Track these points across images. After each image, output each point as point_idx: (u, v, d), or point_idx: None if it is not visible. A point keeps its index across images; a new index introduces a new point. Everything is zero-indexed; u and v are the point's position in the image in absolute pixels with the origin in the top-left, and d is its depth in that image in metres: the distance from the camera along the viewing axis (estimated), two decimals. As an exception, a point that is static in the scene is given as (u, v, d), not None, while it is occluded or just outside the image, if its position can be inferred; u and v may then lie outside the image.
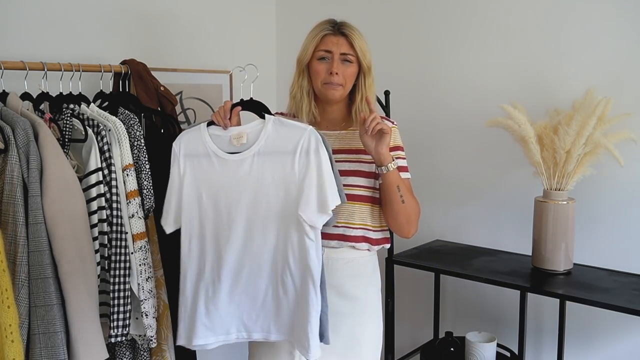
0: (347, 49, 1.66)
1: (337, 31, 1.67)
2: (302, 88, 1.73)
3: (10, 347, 1.39)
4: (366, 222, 1.72)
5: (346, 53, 1.66)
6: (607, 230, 2.12)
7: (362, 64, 1.68)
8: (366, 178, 1.71)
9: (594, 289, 1.86)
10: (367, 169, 1.72)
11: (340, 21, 1.70)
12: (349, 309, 1.70)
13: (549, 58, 2.19)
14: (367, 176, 1.72)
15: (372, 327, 1.76)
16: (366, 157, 1.71)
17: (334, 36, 1.67)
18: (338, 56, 1.66)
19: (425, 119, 2.52)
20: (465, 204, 2.46)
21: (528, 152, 2.01)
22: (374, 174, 1.72)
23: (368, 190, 1.72)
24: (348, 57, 1.67)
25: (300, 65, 1.73)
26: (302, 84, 1.73)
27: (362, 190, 1.71)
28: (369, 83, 1.70)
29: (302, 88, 1.73)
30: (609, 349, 2.15)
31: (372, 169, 1.72)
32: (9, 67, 1.70)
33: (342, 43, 1.66)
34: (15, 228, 1.49)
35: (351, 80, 1.70)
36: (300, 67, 1.73)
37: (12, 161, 1.50)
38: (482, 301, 2.43)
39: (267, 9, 2.91)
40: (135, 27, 2.32)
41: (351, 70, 1.68)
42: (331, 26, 1.68)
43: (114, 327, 1.76)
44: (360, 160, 1.72)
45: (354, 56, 1.67)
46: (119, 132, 1.79)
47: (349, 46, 1.66)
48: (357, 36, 1.67)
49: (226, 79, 2.68)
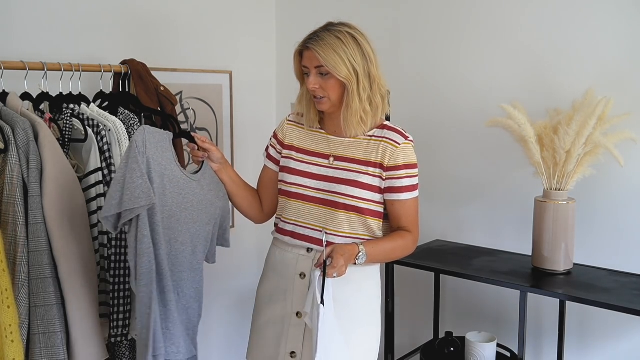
0: (317, 62, 1.61)
1: (304, 46, 1.63)
2: (303, 97, 1.74)
3: (10, 347, 1.39)
4: (357, 232, 1.69)
5: (319, 66, 1.61)
6: (607, 230, 2.12)
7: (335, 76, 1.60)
8: (365, 190, 1.67)
9: (594, 289, 1.86)
10: (367, 181, 1.68)
11: (315, 30, 1.65)
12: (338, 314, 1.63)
13: (549, 58, 2.19)
14: (367, 189, 1.68)
15: (363, 333, 1.72)
16: (369, 169, 1.68)
17: (306, 51, 1.63)
18: (314, 70, 1.62)
19: (426, 119, 2.52)
20: (465, 204, 2.46)
21: (528, 152, 2.01)
22: (378, 188, 1.69)
23: (366, 202, 1.67)
24: (321, 70, 1.61)
25: (297, 76, 1.73)
26: (303, 93, 1.74)
27: (358, 201, 1.67)
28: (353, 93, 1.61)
29: (302, 97, 1.74)
30: (609, 349, 2.15)
31: (375, 182, 1.68)
32: (9, 67, 1.70)
33: (312, 57, 1.61)
34: (15, 228, 1.49)
35: (334, 90, 1.63)
36: (297, 77, 1.74)
37: (12, 161, 1.50)
38: (482, 301, 2.43)
39: (267, 9, 2.91)
40: (135, 27, 2.32)
41: (332, 82, 1.62)
42: (303, 42, 1.65)
43: (114, 327, 1.76)
44: (361, 172, 1.68)
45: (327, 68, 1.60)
46: (119, 132, 1.79)
47: (317, 60, 1.60)
48: (322, 49, 1.58)
49: (226, 79, 2.68)
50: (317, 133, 1.77)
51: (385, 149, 1.67)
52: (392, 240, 1.70)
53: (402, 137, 1.69)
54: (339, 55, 1.58)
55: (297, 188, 1.73)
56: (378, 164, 1.68)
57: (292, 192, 1.73)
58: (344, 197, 1.67)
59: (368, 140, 1.70)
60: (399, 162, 1.67)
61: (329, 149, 1.73)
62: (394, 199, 1.69)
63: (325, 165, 1.72)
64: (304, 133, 1.78)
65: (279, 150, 1.82)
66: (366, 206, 1.68)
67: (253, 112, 2.82)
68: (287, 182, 1.76)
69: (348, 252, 1.59)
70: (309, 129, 1.78)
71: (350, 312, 1.69)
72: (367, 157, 1.69)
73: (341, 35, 1.60)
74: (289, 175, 1.75)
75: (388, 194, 1.69)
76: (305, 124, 1.77)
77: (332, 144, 1.73)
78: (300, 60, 1.67)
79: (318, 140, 1.76)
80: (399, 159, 1.67)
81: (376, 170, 1.68)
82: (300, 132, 1.79)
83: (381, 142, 1.68)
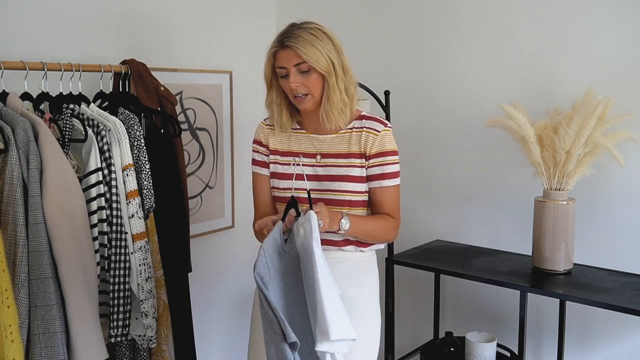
0: (297, 60, 1.62)
1: (282, 45, 1.63)
2: (273, 102, 1.73)
3: (10, 347, 1.39)
4: None
5: (298, 63, 1.62)
6: (607, 230, 2.12)
7: (317, 70, 1.62)
8: (356, 183, 1.69)
9: (594, 289, 1.86)
10: (357, 173, 1.70)
11: (285, 30, 1.66)
12: None
13: (549, 58, 2.19)
14: (357, 181, 1.69)
15: (365, 327, 1.73)
16: (356, 161, 1.70)
17: (282, 51, 1.63)
18: (293, 69, 1.63)
19: (426, 119, 2.52)
20: (465, 204, 2.46)
21: (528, 152, 2.01)
22: (365, 178, 1.71)
23: (358, 194, 1.70)
24: (301, 67, 1.62)
25: (266, 80, 1.72)
26: (272, 98, 1.72)
27: (351, 195, 1.69)
28: (332, 85, 1.64)
29: (272, 102, 1.73)
30: (609, 349, 2.15)
31: (363, 173, 1.70)
32: (9, 67, 1.70)
33: (290, 56, 1.62)
34: (15, 228, 1.49)
35: (316, 86, 1.64)
36: (266, 81, 1.72)
37: (12, 161, 1.50)
38: (482, 301, 2.43)
39: (267, 9, 2.91)
40: (136, 27, 2.32)
41: (313, 77, 1.63)
42: (278, 42, 1.65)
43: (113, 327, 1.76)
44: (350, 165, 1.70)
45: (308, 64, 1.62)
46: (118, 132, 1.79)
47: (297, 57, 1.61)
48: (301, 44, 1.60)
49: (226, 79, 2.68)
50: (298, 134, 1.76)
51: (367, 138, 1.68)
52: (375, 219, 1.71)
53: (382, 125, 1.70)
54: (318, 49, 1.61)
55: (289, 192, 1.72)
56: (362, 154, 1.69)
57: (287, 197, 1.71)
58: (336, 193, 1.68)
59: (350, 133, 1.71)
60: (380, 150, 1.68)
61: (313, 148, 1.73)
62: (377, 186, 1.70)
63: (313, 165, 1.72)
64: (285, 135, 1.77)
65: (266, 153, 1.80)
66: (356, 198, 1.70)
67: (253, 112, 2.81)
68: (279, 188, 1.76)
69: (332, 212, 1.60)
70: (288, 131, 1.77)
71: (353, 306, 1.70)
72: (350, 149, 1.70)
73: (313, 31, 1.63)
74: (279, 181, 1.76)
75: (371, 182, 1.71)
76: (278, 129, 1.75)
77: (316, 142, 1.73)
78: (273, 63, 1.67)
79: (300, 140, 1.75)
80: (379, 146, 1.69)
81: (361, 160, 1.69)
82: (281, 134, 1.77)
83: (362, 132, 1.69)
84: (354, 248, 1.71)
